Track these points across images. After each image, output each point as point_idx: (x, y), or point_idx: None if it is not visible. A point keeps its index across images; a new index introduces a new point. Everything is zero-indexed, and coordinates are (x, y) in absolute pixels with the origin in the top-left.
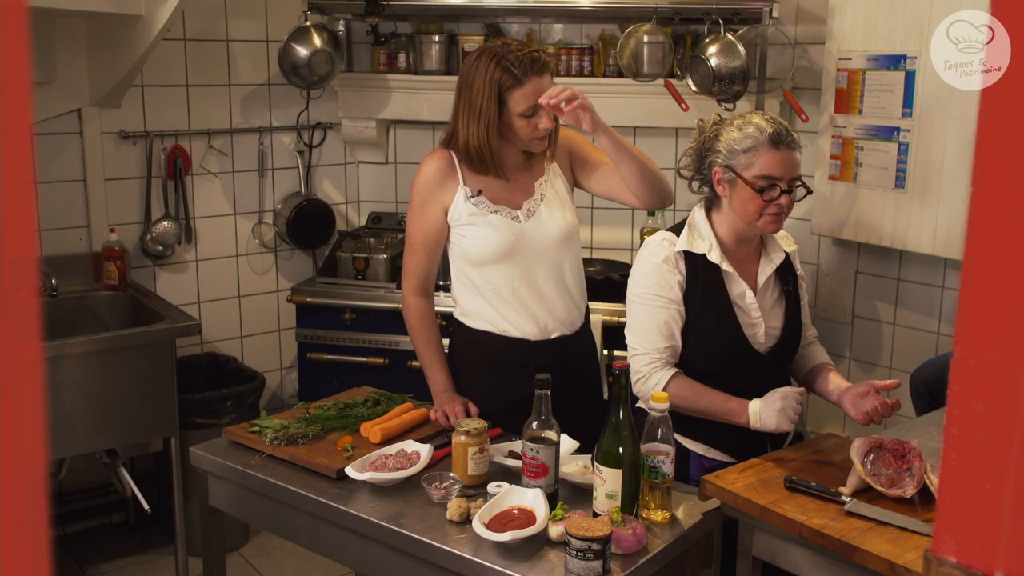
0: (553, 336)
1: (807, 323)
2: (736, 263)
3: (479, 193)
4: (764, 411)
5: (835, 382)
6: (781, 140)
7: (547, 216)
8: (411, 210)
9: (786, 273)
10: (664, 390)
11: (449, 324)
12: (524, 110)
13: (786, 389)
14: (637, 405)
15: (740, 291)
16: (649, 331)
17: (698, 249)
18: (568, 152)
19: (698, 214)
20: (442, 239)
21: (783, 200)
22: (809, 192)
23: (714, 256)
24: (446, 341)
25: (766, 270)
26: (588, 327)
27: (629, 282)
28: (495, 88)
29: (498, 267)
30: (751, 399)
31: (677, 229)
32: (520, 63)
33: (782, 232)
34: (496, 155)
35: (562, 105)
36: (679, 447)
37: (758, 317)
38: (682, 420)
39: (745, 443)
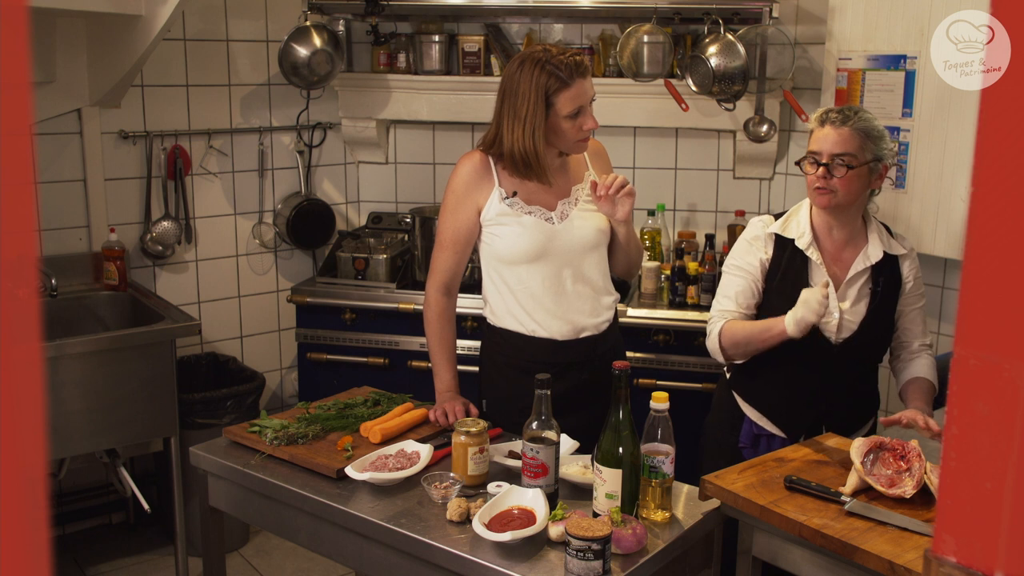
0: (581, 336)
1: (915, 331)
2: (829, 253)
3: (514, 194)
4: (792, 313)
5: (911, 404)
6: (826, 118)
7: (579, 219)
8: (444, 208)
9: (879, 273)
10: (719, 335)
11: (479, 325)
12: (571, 111)
13: (810, 290)
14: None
15: (820, 280)
16: (724, 295)
17: (789, 234)
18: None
19: (804, 204)
20: (472, 239)
21: (819, 172)
22: (850, 168)
23: (802, 243)
24: (468, 343)
25: (859, 265)
26: (616, 325)
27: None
28: (542, 92)
29: (530, 267)
30: (819, 384)
31: (781, 215)
32: (566, 67)
33: (902, 236)
34: (543, 159)
35: (611, 192)
36: (735, 407)
37: (835, 307)
38: (744, 383)
39: (800, 420)
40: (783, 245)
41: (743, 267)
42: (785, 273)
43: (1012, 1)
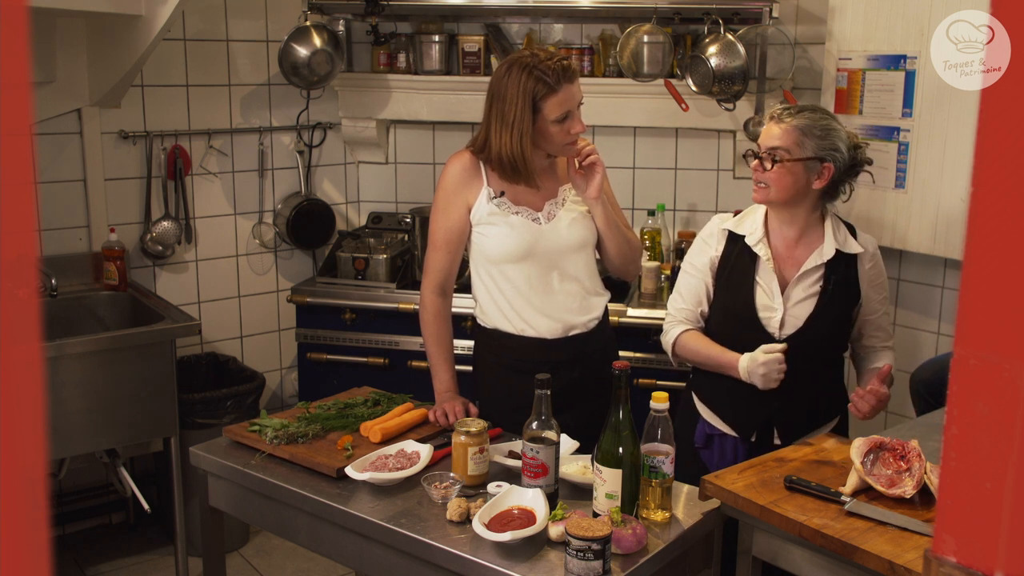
0: (570, 335)
1: (881, 336)
2: (780, 251)
3: (502, 194)
4: (751, 369)
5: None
6: (774, 115)
7: (566, 219)
8: (435, 208)
9: (831, 272)
10: (675, 341)
11: (471, 324)
12: (558, 116)
13: (768, 349)
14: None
15: (768, 277)
16: (679, 293)
17: (742, 231)
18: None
19: (760, 204)
20: (464, 237)
21: (754, 164)
22: (776, 162)
23: (751, 240)
24: (466, 343)
25: (811, 262)
26: (606, 323)
27: None
28: (529, 98)
29: (517, 266)
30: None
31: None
32: (553, 72)
33: (865, 236)
34: (529, 163)
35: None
36: (692, 407)
37: (779, 303)
38: (700, 383)
39: (750, 418)
40: (735, 241)
41: (696, 266)
42: (733, 269)
43: (1012, 1)
